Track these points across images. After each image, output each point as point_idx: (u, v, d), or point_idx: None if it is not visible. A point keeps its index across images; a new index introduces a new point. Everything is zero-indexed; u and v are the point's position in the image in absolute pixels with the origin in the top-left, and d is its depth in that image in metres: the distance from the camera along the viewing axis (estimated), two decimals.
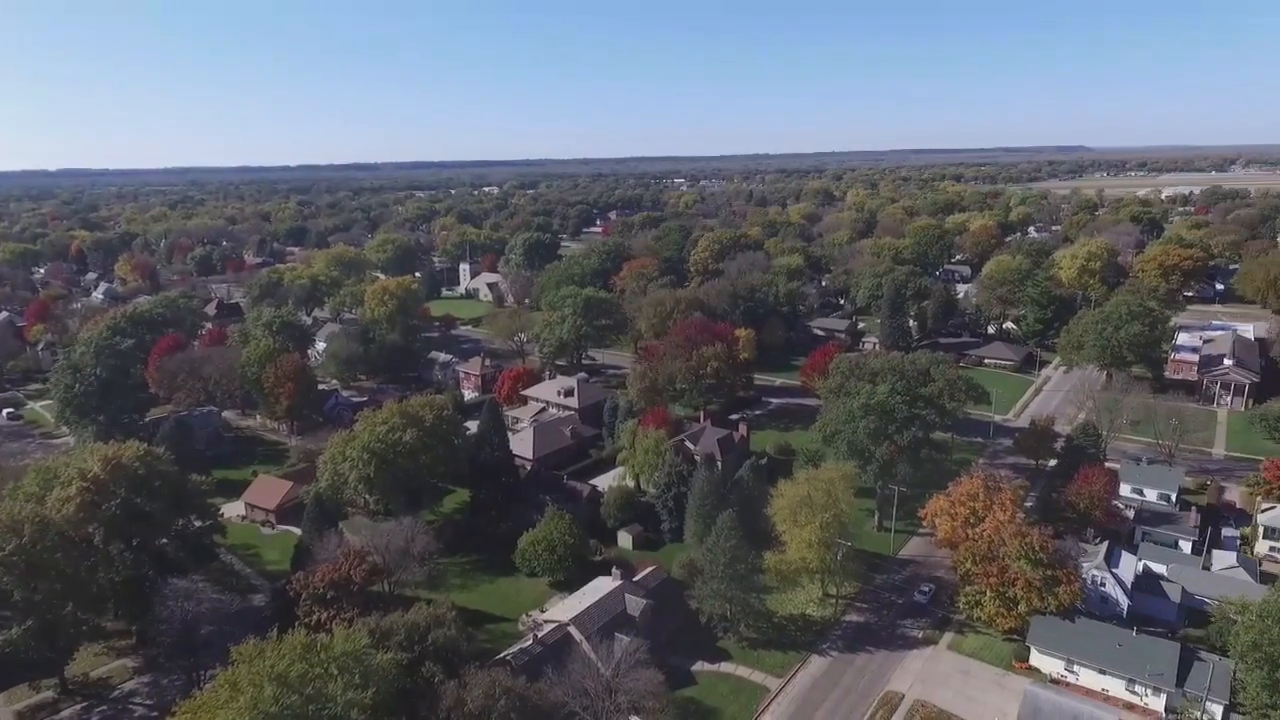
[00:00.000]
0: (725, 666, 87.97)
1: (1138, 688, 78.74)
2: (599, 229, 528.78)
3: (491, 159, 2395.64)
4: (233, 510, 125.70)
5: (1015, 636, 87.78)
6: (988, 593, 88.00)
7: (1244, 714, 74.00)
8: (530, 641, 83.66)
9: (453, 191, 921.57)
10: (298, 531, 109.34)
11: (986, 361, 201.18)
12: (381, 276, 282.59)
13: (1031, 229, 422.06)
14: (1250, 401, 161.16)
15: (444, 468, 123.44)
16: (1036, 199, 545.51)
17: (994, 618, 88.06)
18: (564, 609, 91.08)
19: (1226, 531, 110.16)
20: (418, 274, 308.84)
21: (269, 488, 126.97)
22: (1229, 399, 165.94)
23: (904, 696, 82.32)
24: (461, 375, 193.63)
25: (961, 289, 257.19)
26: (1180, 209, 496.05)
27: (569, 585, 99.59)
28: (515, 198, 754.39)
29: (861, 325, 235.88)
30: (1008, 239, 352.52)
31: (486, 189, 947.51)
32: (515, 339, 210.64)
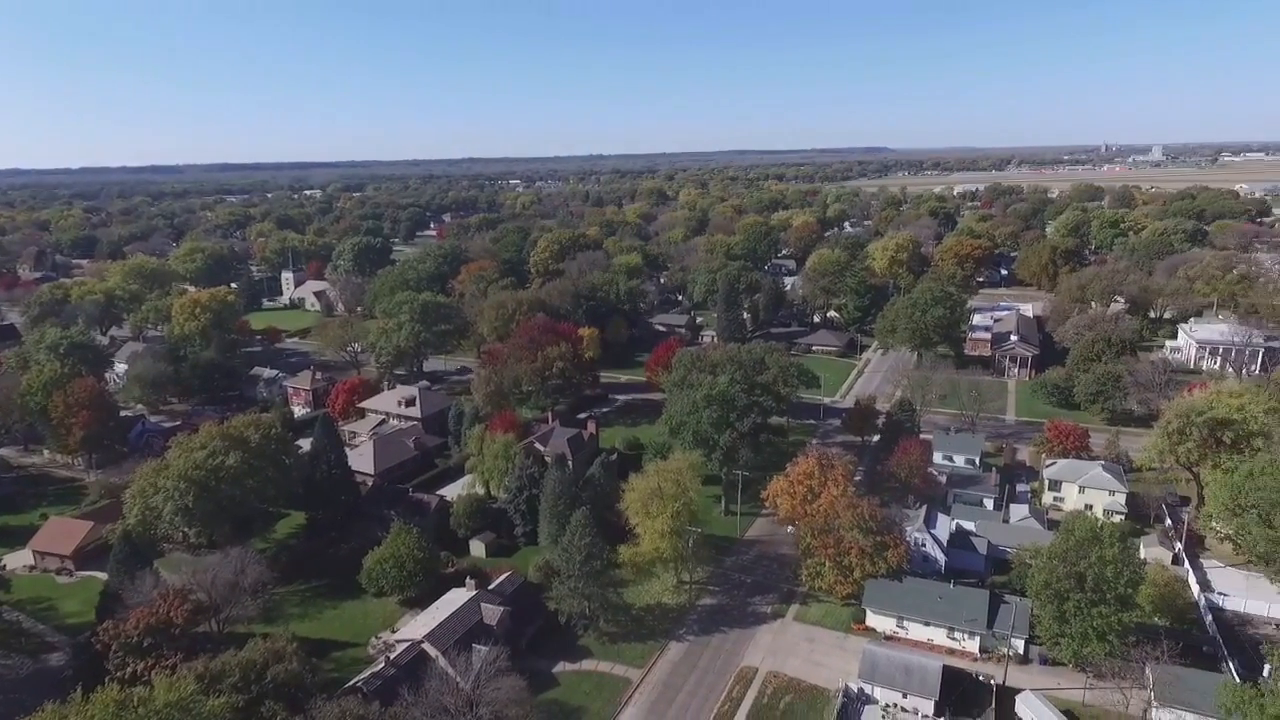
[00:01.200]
0: (587, 664, 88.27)
1: (957, 633, 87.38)
2: (433, 232, 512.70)
3: (312, 160, 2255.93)
4: (18, 560, 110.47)
5: (853, 601, 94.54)
6: (827, 563, 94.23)
7: (1039, 644, 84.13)
8: (382, 665, 79.77)
9: (269, 195, 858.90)
10: (103, 576, 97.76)
11: (814, 349, 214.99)
12: (191, 289, 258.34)
13: (847, 224, 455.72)
14: (1033, 372, 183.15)
15: (275, 491, 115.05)
16: (850, 196, 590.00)
17: (833, 586, 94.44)
18: (417, 626, 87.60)
19: (1020, 487, 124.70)
20: (234, 285, 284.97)
21: (63, 530, 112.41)
22: (1016, 371, 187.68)
23: (757, 670, 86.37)
24: (290, 391, 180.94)
25: (789, 282, 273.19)
26: (969, 204, 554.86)
27: (421, 601, 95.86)
28: (341, 201, 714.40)
29: (700, 320, 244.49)
30: (827, 234, 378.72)
31: (308, 192, 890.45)
32: (348, 350, 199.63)
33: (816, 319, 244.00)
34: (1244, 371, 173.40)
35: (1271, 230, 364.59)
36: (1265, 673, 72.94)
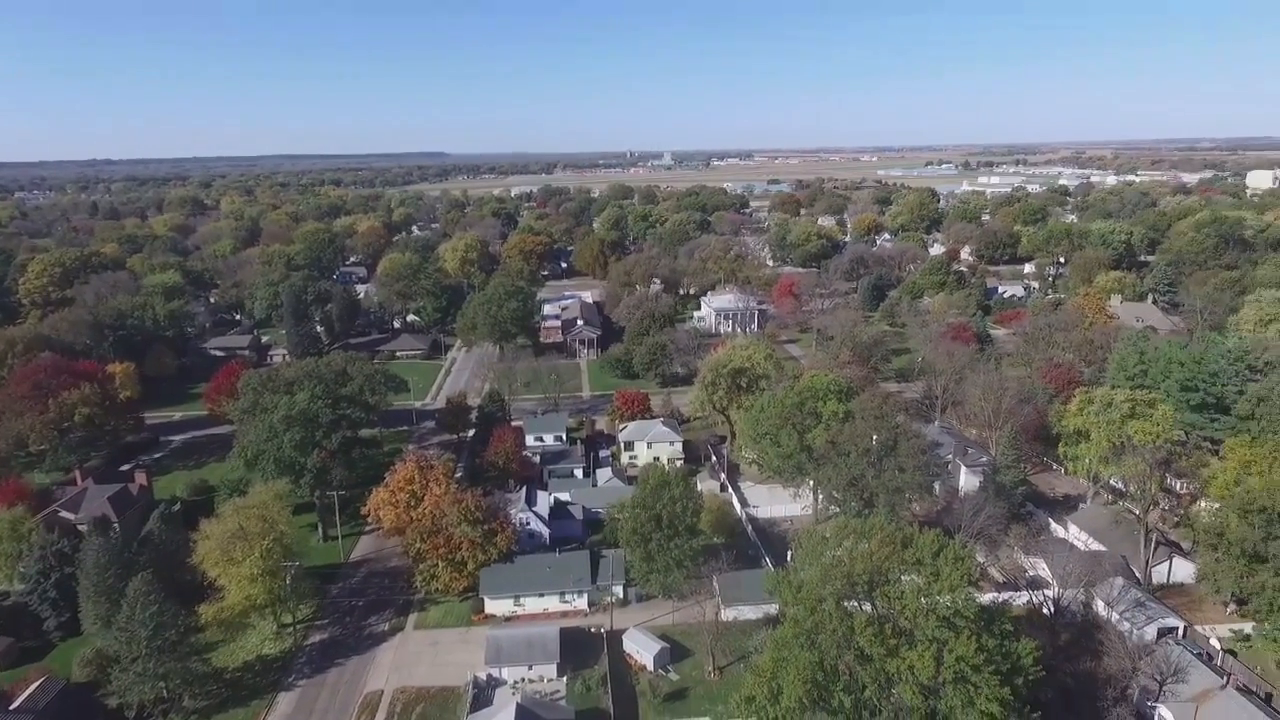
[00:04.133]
0: None
1: (567, 596, 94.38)
2: None
3: None
4: None
5: (470, 594, 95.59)
6: (439, 564, 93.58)
7: (634, 585, 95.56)
8: None
9: None
10: None
11: (399, 354, 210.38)
12: None
13: (415, 227, 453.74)
14: (599, 350, 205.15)
15: None
16: (414, 200, 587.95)
17: (449, 584, 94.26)
18: None
19: (602, 453, 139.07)
20: None
21: None
22: (586, 351, 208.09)
23: (383, 690, 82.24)
24: None
25: (362, 289, 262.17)
26: (526, 204, 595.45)
27: None
28: None
29: (266, 338, 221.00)
30: (395, 238, 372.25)
31: None
32: None
33: (396, 324, 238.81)
34: (747, 330, 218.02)
35: (751, 219, 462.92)
36: (789, 558, 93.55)
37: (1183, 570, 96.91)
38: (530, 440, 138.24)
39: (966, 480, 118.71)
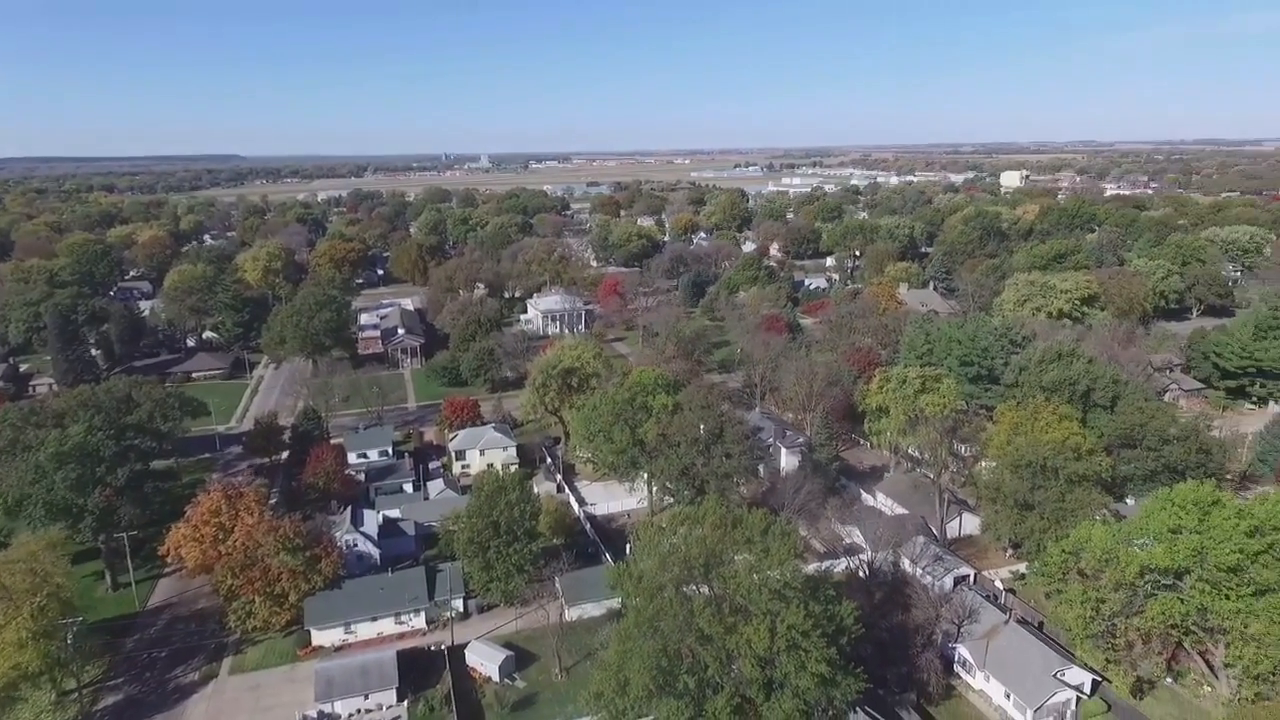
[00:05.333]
0: None
1: (404, 616, 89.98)
2: None
3: None
4: None
5: (294, 627, 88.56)
6: (256, 599, 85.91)
7: (475, 596, 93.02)
8: None
9: None
10: None
11: (195, 375, 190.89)
12: None
13: (207, 236, 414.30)
14: (423, 359, 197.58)
15: None
16: (204, 207, 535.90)
17: (269, 620, 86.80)
18: None
19: (433, 464, 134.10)
20: None
21: None
22: (409, 361, 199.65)
23: None
24: None
25: (146, 305, 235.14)
26: (336, 210, 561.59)
27: None
28: None
29: (25, 366, 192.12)
30: (184, 248, 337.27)
31: None
32: None
33: (191, 342, 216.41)
34: (575, 330, 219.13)
35: (573, 220, 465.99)
36: (628, 551, 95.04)
37: (970, 524, 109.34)
38: (353, 457, 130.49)
39: (787, 460, 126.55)
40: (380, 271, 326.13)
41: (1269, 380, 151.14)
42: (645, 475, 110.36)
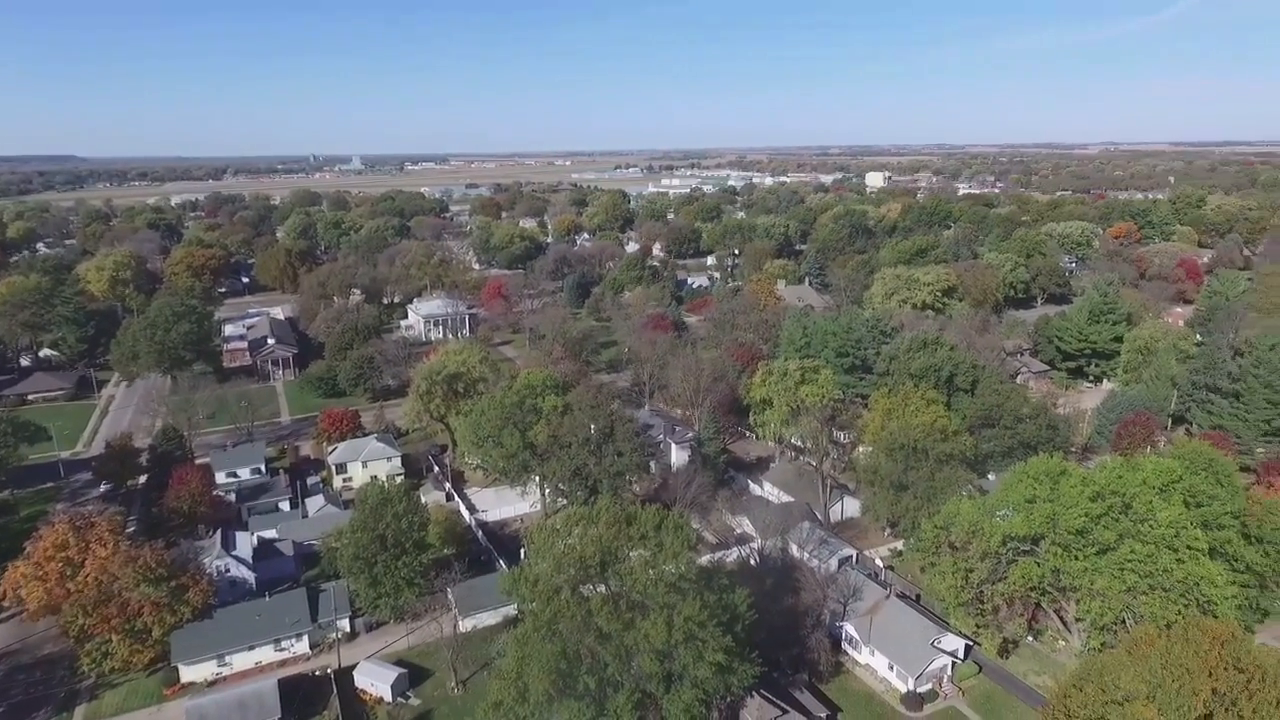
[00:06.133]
0: None
1: (284, 643, 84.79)
2: None
3: None
4: None
5: (160, 665, 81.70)
6: (114, 637, 78.66)
7: (363, 615, 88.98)
8: None
9: None
10: None
11: (31, 397, 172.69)
12: None
13: (41, 245, 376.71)
14: (297, 370, 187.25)
15: None
16: (36, 212, 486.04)
17: (130, 659, 79.66)
18: None
19: (311, 480, 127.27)
20: None
21: None
22: (281, 372, 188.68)
23: None
24: None
25: None
26: (192, 214, 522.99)
27: None
28: None
29: None
30: (14, 258, 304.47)
31: None
32: None
33: (25, 361, 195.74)
34: (459, 334, 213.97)
35: (453, 223, 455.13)
36: (523, 555, 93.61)
37: (851, 506, 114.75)
38: (222, 477, 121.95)
39: (677, 456, 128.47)
40: (245, 279, 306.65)
41: (1102, 360, 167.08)
42: (537, 478, 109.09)
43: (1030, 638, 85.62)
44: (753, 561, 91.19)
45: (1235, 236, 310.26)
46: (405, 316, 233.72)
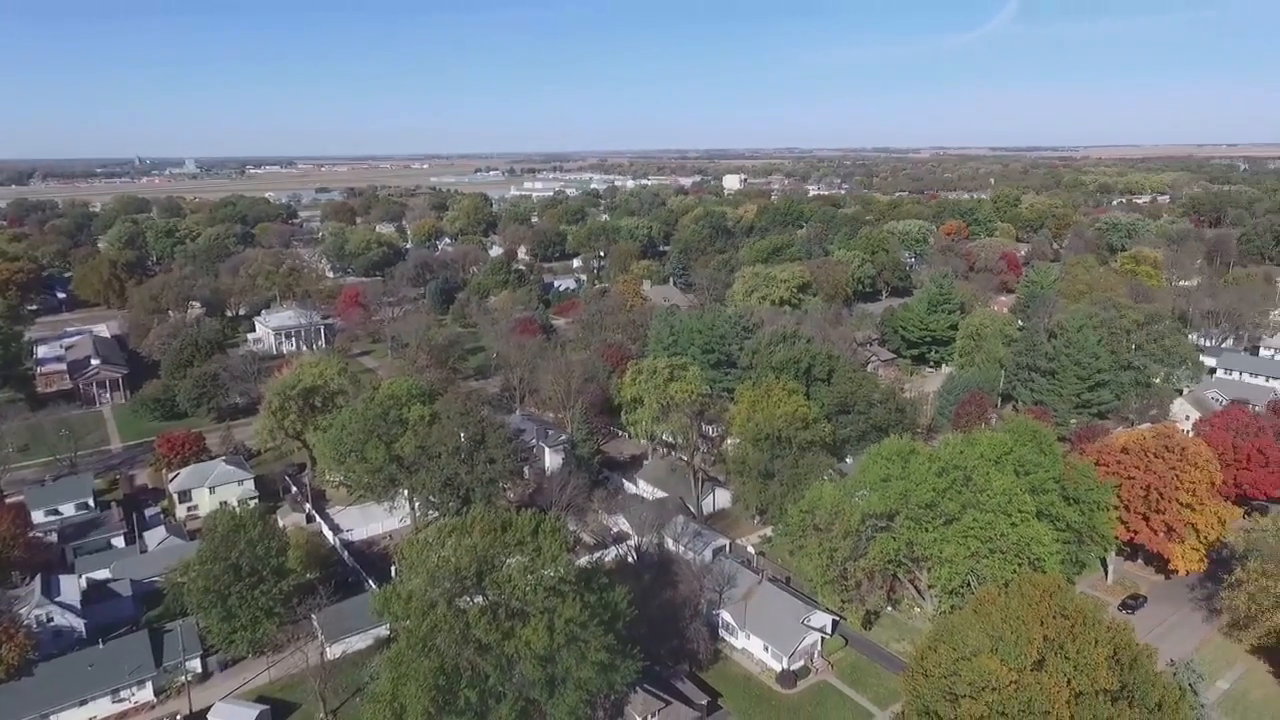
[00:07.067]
0: None
1: (124, 692, 76.92)
2: None
3: None
4: None
5: None
6: None
7: (216, 652, 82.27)
8: None
9: None
10: None
11: None
12: None
13: None
14: (128, 392, 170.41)
15: None
16: None
17: None
18: None
19: (150, 512, 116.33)
20: None
21: None
22: (109, 396, 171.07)
23: None
24: None
25: None
26: None
27: None
28: None
29: None
30: None
31: None
32: None
33: None
34: (314, 346, 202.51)
35: (302, 229, 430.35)
36: (394, 572, 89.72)
37: (723, 498, 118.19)
38: (39, 516, 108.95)
39: (551, 459, 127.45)
40: (62, 295, 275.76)
41: (941, 347, 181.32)
42: (405, 492, 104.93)
43: (890, 607, 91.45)
44: (630, 559, 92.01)
45: (1046, 232, 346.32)
46: (253, 329, 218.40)
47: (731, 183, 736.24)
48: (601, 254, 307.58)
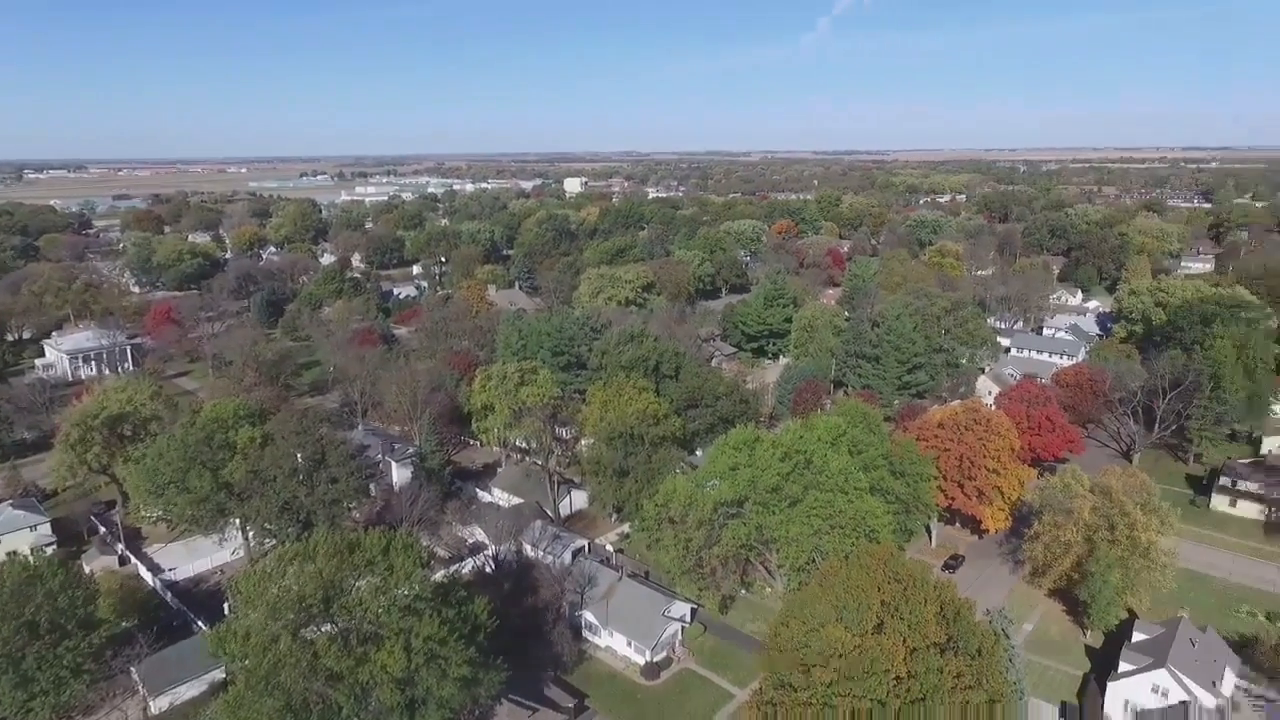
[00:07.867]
0: None
1: None
2: None
3: None
4: None
5: None
6: None
7: None
8: None
9: None
10: None
11: None
12: None
13: None
14: None
15: None
16: None
17: None
18: None
19: None
20: None
21: None
22: None
23: None
24: None
25: None
26: None
27: None
28: None
29: None
30: None
31: None
32: None
33: None
34: (119, 369, 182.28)
35: (99, 240, 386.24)
36: (227, 610, 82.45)
37: (579, 499, 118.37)
38: None
39: (399, 474, 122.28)
40: None
41: (778, 339, 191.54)
42: (238, 521, 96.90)
43: (744, 590, 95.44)
44: (489, 569, 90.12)
45: (865, 229, 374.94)
46: (42, 354, 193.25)
47: (573, 186, 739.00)
48: (443, 259, 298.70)
